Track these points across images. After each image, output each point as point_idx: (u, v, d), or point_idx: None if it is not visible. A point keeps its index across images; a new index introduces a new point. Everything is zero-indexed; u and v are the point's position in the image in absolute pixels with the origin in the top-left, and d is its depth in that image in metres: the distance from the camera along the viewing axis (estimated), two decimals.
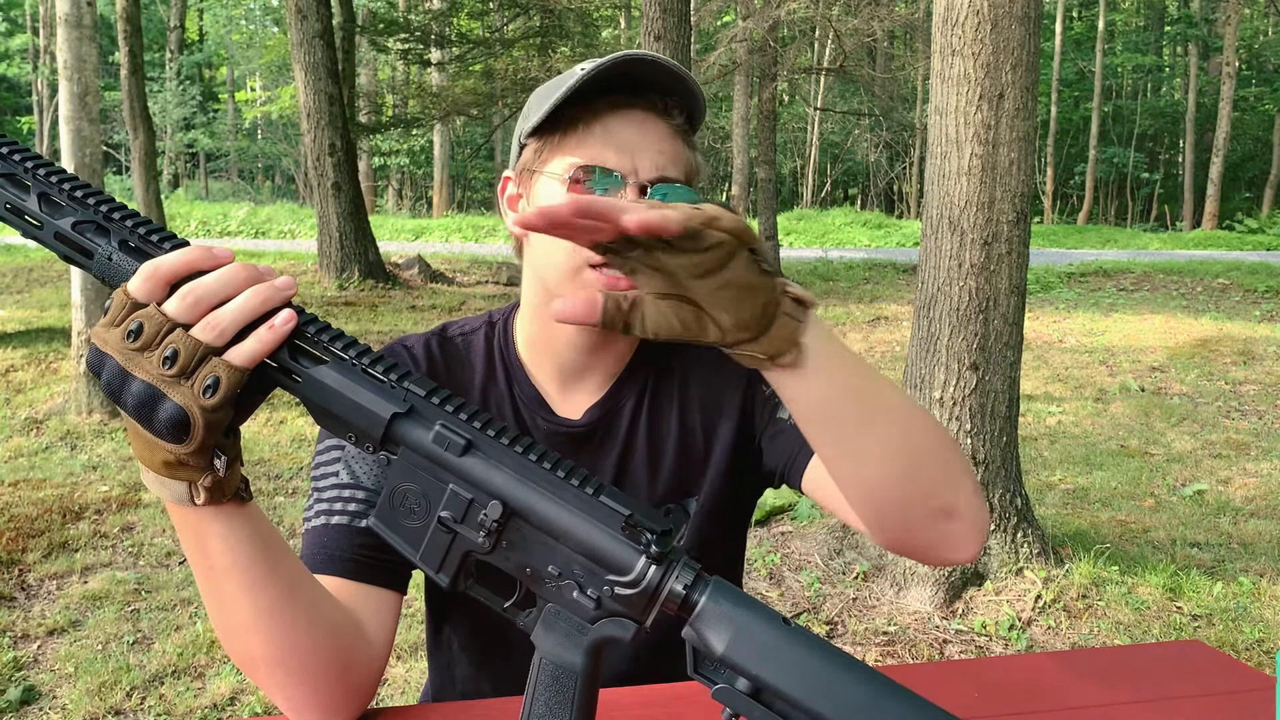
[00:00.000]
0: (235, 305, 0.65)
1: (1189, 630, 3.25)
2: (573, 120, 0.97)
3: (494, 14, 15.08)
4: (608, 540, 0.65)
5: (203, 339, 0.64)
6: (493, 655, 1.13)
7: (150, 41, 28.48)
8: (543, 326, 1.06)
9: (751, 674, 0.61)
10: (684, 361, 1.11)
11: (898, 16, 13.20)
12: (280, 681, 0.84)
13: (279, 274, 0.67)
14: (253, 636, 0.81)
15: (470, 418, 0.67)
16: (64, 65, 5.12)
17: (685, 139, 1.02)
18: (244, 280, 0.65)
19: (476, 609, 1.11)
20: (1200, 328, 8.78)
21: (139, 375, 0.64)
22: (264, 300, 0.65)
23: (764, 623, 0.62)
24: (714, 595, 0.64)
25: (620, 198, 0.92)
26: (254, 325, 0.65)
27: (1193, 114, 25.66)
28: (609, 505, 0.65)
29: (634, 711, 0.93)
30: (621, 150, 0.96)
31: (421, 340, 1.10)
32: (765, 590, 3.52)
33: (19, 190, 0.68)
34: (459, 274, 11.37)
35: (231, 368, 0.64)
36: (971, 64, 3.32)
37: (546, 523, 0.66)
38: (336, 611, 0.88)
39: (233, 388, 0.65)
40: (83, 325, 5.21)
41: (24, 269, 10.74)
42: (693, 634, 0.63)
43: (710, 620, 0.63)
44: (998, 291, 3.42)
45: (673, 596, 0.64)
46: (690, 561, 0.65)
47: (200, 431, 0.65)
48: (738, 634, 0.62)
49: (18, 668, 2.90)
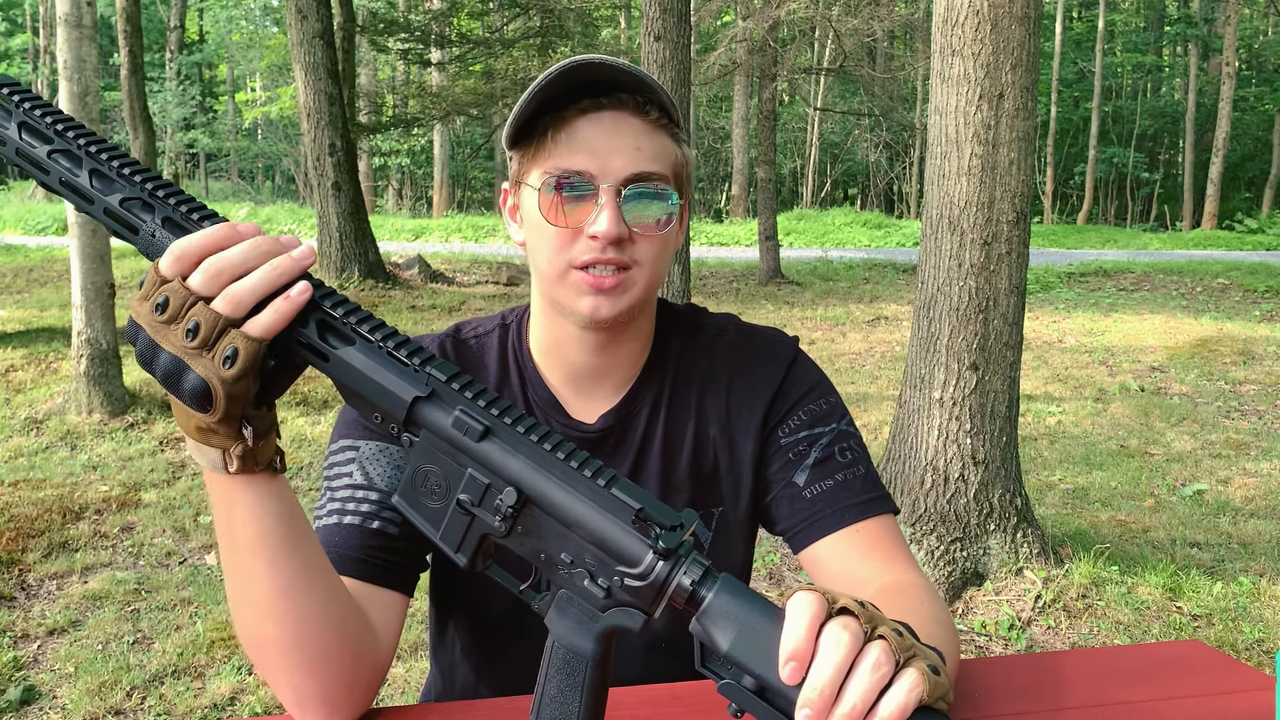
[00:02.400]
0: (252, 278, 0.66)
1: (1189, 630, 3.25)
2: (544, 130, 0.98)
3: (494, 14, 15.09)
4: (618, 532, 0.65)
5: (222, 312, 0.66)
6: (494, 657, 1.13)
7: (150, 41, 28.49)
8: (552, 331, 1.06)
9: (755, 672, 0.61)
10: (702, 374, 1.11)
11: (898, 16, 13.20)
12: (288, 669, 0.85)
13: (300, 242, 0.69)
14: (268, 617, 0.82)
15: (489, 404, 0.68)
16: (64, 65, 5.11)
17: (669, 132, 1.01)
18: (263, 254, 0.67)
19: (480, 609, 1.12)
20: (1200, 328, 8.78)
21: (165, 347, 0.67)
22: (280, 273, 0.67)
23: (770, 621, 0.62)
24: (721, 591, 0.64)
25: (593, 203, 0.95)
26: (274, 297, 0.67)
27: (1193, 114, 25.65)
28: (620, 498, 0.66)
29: (634, 711, 0.93)
30: (592, 153, 0.96)
31: (436, 341, 1.11)
32: (765, 590, 3.52)
33: (73, 165, 0.70)
34: (459, 274, 11.37)
35: (249, 339, 0.66)
36: (971, 64, 3.32)
37: (560, 511, 0.67)
38: (350, 605, 0.88)
39: (251, 358, 0.66)
40: (83, 325, 5.21)
41: (24, 269, 10.74)
42: (699, 629, 0.64)
43: (716, 616, 0.63)
44: (997, 291, 3.42)
45: (680, 590, 0.64)
46: (699, 557, 0.66)
47: (222, 401, 0.67)
48: (743, 631, 0.62)
49: (18, 668, 2.90)
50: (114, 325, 5.34)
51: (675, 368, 1.11)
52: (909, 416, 3.63)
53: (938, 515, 3.50)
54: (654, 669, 1.04)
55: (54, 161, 0.70)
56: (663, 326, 1.12)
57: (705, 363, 1.11)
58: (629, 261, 0.98)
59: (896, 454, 3.69)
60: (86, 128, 0.72)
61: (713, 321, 1.14)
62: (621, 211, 0.96)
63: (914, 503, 3.55)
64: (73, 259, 5.18)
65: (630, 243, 0.97)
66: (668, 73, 5.22)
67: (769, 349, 1.12)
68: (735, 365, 1.11)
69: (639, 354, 1.09)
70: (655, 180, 0.98)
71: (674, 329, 1.13)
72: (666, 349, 1.11)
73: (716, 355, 1.11)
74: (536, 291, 1.07)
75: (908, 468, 3.61)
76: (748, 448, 1.09)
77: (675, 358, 1.11)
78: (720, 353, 1.11)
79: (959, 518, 3.49)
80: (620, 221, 0.96)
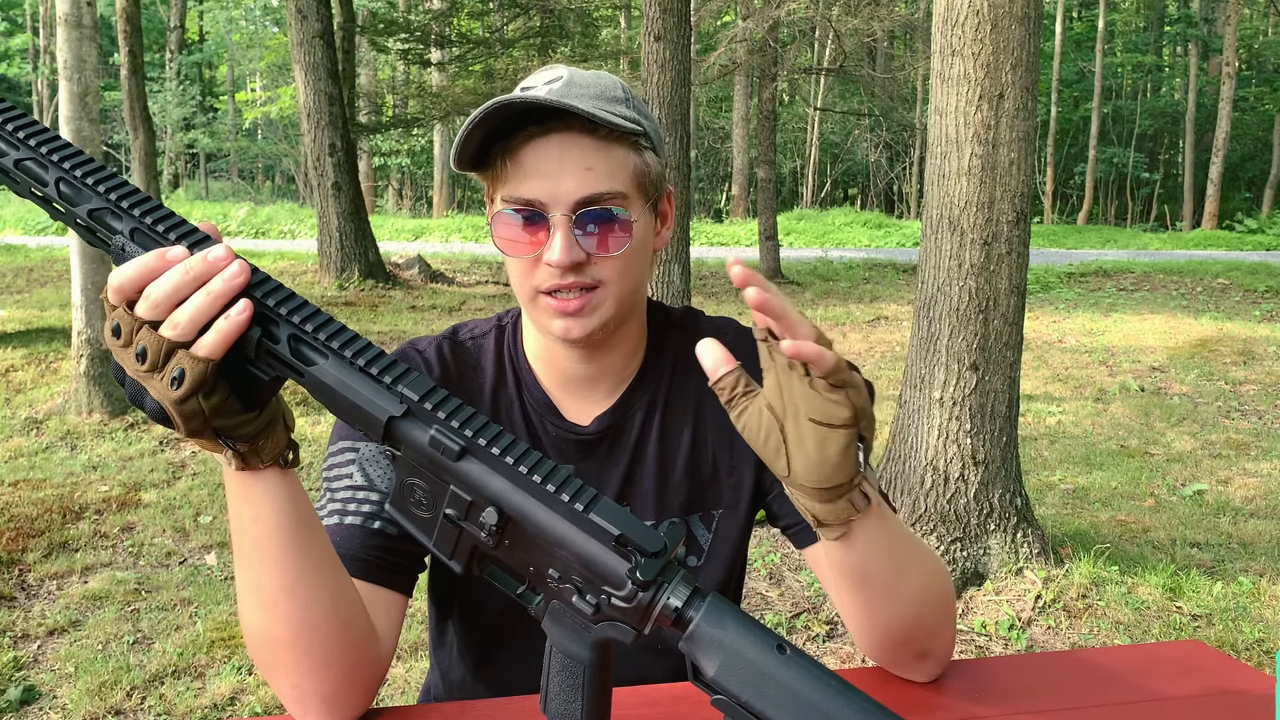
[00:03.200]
0: (190, 304, 0.67)
1: (1189, 630, 3.24)
2: (495, 157, 0.97)
3: (494, 14, 15.08)
4: (602, 554, 0.64)
5: (168, 336, 0.67)
6: (492, 657, 1.13)
7: (150, 41, 28.47)
8: (542, 340, 1.07)
9: (742, 700, 0.61)
10: (699, 376, 1.11)
11: (898, 16, 13.20)
12: (291, 668, 0.85)
13: (234, 259, 0.68)
14: (273, 614, 0.82)
15: (464, 423, 0.67)
16: (64, 65, 5.11)
17: (626, 142, 0.98)
18: (194, 279, 0.67)
19: (478, 609, 1.12)
20: (1200, 328, 8.78)
21: (127, 370, 0.69)
22: (215, 296, 0.66)
23: (757, 648, 0.61)
24: (708, 615, 0.63)
25: (547, 230, 0.95)
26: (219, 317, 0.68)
27: (1193, 114, 25.64)
28: (599, 524, 0.64)
29: (634, 711, 0.93)
30: (542, 179, 0.94)
31: (434, 343, 1.11)
32: (765, 590, 3.52)
33: (40, 174, 0.69)
34: (459, 274, 11.37)
35: (196, 360, 0.66)
36: (971, 64, 3.32)
37: (542, 532, 0.65)
38: (357, 604, 0.88)
39: (198, 379, 0.67)
40: (83, 325, 5.21)
41: (24, 269, 10.74)
42: (688, 650, 0.63)
43: (703, 643, 0.62)
44: (997, 291, 3.42)
45: (667, 611, 0.64)
46: (687, 576, 0.65)
47: (179, 420, 0.68)
48: (729, 659, 0.61)
49: (18, 668, 2.90)
50: None
51: (671, 370, 1.11)
52: (909, 416, 3.63)
53: (938, 515, 3.50)
54: (651, 669, 1.04)
55: (21, 170, 0.69)
56: (658, 329, 1.12)
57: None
58: (592, 282, 0.97)
59: (896, 454, 3.69)
60: (50, 133, 0.70)
61: (710, 324, 1.14)
62: (574, 237, 0.95)
63: (914, 503, 3.55)
64: (73, 259, 5.19)
65: (590, 264, 0.96)
66: (668, 73, 5.22)
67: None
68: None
69: (630, 358, 1.09)
70: (608, 200, 0.95)
71: (670, 332, 1.12)
72: (662, 352, 1.11)
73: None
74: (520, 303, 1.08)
75: (908, 468, 3.61)
76: (747, 447, 1.09)
77: (671, 361, 1.11)
78: None
79: (959, 518, 3.50)
80: (574, 247, 0.95)
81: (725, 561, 1.11)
